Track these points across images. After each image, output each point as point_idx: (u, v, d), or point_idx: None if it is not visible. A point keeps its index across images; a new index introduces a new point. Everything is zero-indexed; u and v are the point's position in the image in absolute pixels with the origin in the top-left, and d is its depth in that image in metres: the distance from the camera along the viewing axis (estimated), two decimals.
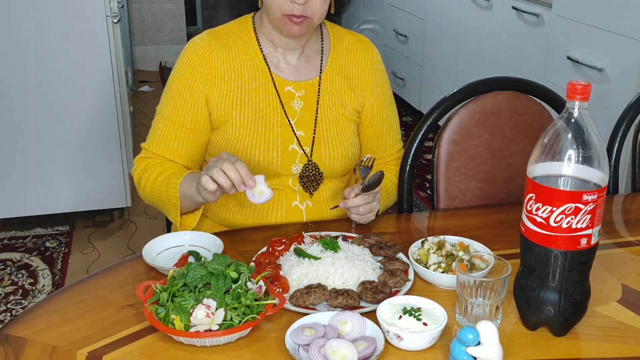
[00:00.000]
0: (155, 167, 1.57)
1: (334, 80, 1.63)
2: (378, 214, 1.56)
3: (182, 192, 1.48)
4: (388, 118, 1.71)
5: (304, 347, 1.09)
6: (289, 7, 1.47)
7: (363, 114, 1.68)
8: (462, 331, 1.03)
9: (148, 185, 1.56)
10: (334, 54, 1.65)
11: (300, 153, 1.59)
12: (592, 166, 1.07)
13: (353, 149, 1.64)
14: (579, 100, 1.06)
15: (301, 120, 1.60)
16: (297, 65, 1.62)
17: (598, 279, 1.30)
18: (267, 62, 1.60)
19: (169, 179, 1.52)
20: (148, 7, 5.72)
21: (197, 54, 1.57)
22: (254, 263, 1.32)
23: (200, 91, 1.56)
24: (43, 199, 3.12)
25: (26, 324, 1.18)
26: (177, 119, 1.57)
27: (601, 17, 2.77)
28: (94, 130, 3.07)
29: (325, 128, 1.61)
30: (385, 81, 1.70)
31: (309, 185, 1.61)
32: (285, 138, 1.58)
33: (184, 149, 1.59)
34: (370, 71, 1.67)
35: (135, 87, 5.26)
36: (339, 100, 1.63)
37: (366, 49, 1.67)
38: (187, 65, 1.57)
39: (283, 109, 1.59)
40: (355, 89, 1.65)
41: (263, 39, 1.61)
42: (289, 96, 1.60)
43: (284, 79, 1.60)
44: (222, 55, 1.58)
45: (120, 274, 1.38)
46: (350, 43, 1.67)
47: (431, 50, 4.38)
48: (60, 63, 2.93)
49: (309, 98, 1.61)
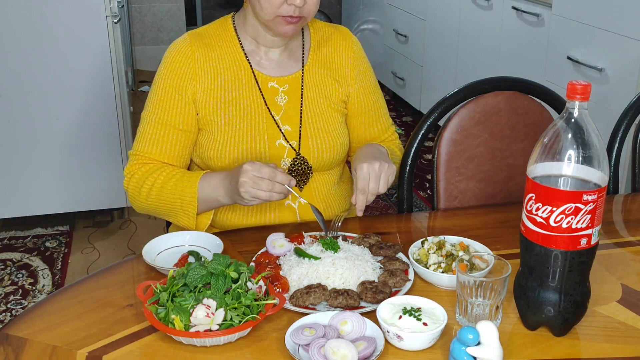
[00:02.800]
0: (158, 172, 1.55)
1: (316, 72, 1.64)
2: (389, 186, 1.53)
3: (203, 198, 1.49)
4: (375, 104, 1.72)
5: (304, 347, 1.09)
6: (285, 9, 1.47)
7: (349, 103, 1.68)
8: (462, 331, 1.03)
9: (154, 192, 1.53)
10: (315, 46, 1.66)
11: (288, 147, 1.60)
12: (592, 166, 1.07)
13: (341, 139, 1.64)
14: (579, 100, 1.06)
15: (286, 115, 1.60)
16: (280, 61, 1.62)
17: (598, 279, 1.30)
18: (249, 60, 1.61)
19: (182, 184, 1.51)
20: (148, 7, 5.72)
21: (180, 53, 1.58)
22: (254, 263, 1.32)
23: (187, 90, 1.56)
24: (43, 199, 3.12)
25: (26, 324, 1.18)
26: (168, 121, 1.57)
27: (601, 17, 2.77)
28: (94, 130, 3.07)
29: (310, 121, 1.61)
30: (367, 68, 1.71)
31: (298, 180, 1.61)
32: (271, 134, 1.59)
33: (176, 151, 1.58)
34: (351, 60, 1.67)
35: (135, 87, 5.26)
36: (323, 92, 1.64)
37: (345, 39, 1.68)
38: (172, 66, 1.57)
39: (266, 105, 1.59)
40: (339, 79, 1.66)
41: (245, 37, 1.61)
42: (273, 92, 1.60)
43: (267, 75, 1.61)
44: (205, 55, 1.58)
45: (120, 274, 1.38)
46: (330, 35, 1.68)
47: (431, 50, 4.38)
48: (60, 63, 2.93)
49: (293, 92, 1.62)
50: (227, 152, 1.56)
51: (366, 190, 1.44)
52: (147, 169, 1.56)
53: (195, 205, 1.49)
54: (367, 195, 1.44)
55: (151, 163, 1.57)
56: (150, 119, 1.58)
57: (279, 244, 1.38)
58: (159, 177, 1.54)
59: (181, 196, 1.51)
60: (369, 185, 1.43)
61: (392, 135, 1.76)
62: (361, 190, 1.44)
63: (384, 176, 1.45)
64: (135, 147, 1.60)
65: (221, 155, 1.56)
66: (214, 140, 1.57)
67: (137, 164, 1.58)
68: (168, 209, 1.54)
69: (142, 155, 1.58)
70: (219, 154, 1.56)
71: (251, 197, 1.39)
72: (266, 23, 1.52)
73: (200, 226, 1.55)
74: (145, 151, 1.58)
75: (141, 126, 1.60)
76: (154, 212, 1.59)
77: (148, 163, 1.57)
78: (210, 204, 1.51)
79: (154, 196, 1.54)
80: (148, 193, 1.54)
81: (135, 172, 1.57)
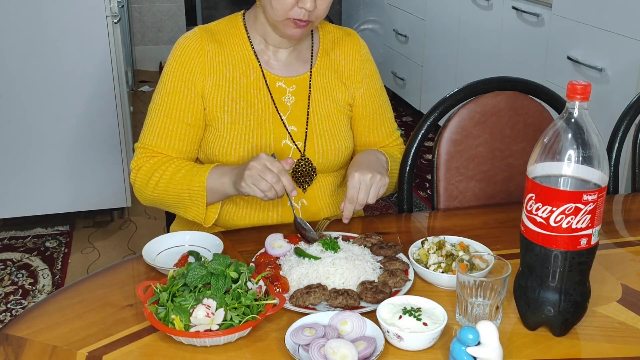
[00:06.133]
0: (167, 164, 1.54)
1: (324, 74, 1.64)
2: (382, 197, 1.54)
3: (210, 187, 1.49)
4: (381, 108, 1.72)
5: (304, 347, 1.09)
6: (296, 12, 1.47)
7: (355, 106, 1.68)
8: (462, 331, 1.03)
9: (162, 184, 1.53)
10: (324, 48, 1.66)
11: (293, 148, 1.60)
12: (592, 166, 1.07)
13: (346, 142, 1.65)
14: (579, 100, 1.06)
15: (293, 116, 1.60)
16: (288, 61, 1.63)
17: (598, 279, 1.30)
18: (259, 59, 1.61)
19: (191, 175, 1.51)
20: (148, 7, 5.72)
21: (190, 47, 1.57)
22: (254, 263, 1.32)
23: (196, 84, 1.56)
24: (43, 199, 3.12)
25: (26, 324, 1.18)
26: (176, 114, 1.56)
27: (601, 17, 2.77)
28: (94, 130, 3.07)
29: (317, 122, 1.62)
30: (374, 72, 1.71)
31: (302, 181, 1.61)
32: (277, 134, 1.59)
33: (184, 145, 1.58)
34: (359, 63, 1.68)
35: (135, 87, 5.26)
36: (330, 95, 1.64)
37: (353, 42, 1.69)
38: (181, 59, 1.57)
39: (274, 104, 1.59)
40: (345, 82, 1.66)
41: (255, 36, 1.61)
42: (280, 92, 1.60)
43: (275, 75, 1.61)
44: (214, 51, 1.58)
45: (120, 274, 1.38)
46: (339, 37, 1.69)
47: (431, 50, 4.38)
48: (60, 63, 2.93)
49: (301, 93, 1.62)
50: (233, 149, 1.56)
51: (354, 200, 1.46)
52: (154, 161, 1.56)
53: (204, 195, 1.49)
54: (355, 205, 1.47)
55: (158, 156, 1.57)
56: (158, 112, 1.58)
57: (277, 245, 1.38)
58: (167, 169, 1.54)
59: (189, 186, 1.50)
60: (358, 195, 1.46)
61: (397, 141, 1.76)
62: (349, 200, 1.46)
63: (375, 188, 1.47)
64: (142, 139, 1.59)
65: (227, 153, 1.56)
66: (220, 137, 1.57)
67: (144, 157, 1.58)
68: (175, 200, 1.54)
69: (149, 148, 1.58)
70: (225, 151, 1.56)
71: (252, 183, 1.39)
72: (275, 24, 1.52)
73: (207, 219, 1.54)
74: (153, 144, 1.57)
75: (148, 118, 1.59)
76: (160, 204, 1.59)
77: (155, 156, 1.57)
78: (217, 195, 1.51)
79: (162, 188, 1.54)
80: (155, 185, 1.54)
81: (142, 165, 1.57)
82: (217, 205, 1.55)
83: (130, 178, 1.59)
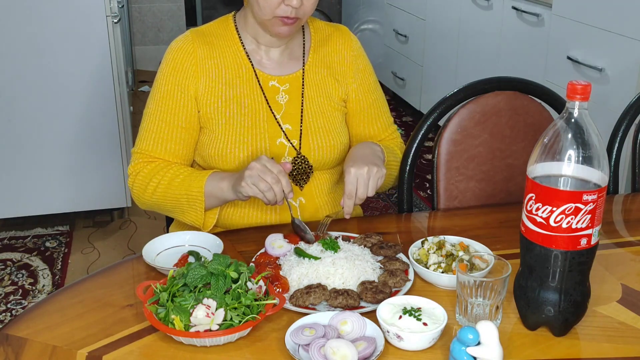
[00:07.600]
0: (165, 169, 1.55)
1: (317, 71, 1.65)
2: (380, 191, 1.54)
3: (209, 192, 1.49)
4: (376, 102, 1.72)
5: (304, 347, 1.09)
6: (282, 9, 1.48)
7: (349, 101, 1.69)
8: (462, 331, 1.03)
9: (160, 189, 1.54)
10: (315, 46, 1.67)
11: (289, 146, 1.60)
12: (592, 166, 1.07)
13: (341, 138, 1.65)
14: (579, 100, 1.06)
15: (287, 114, 1.61)
16: (280, 60, 1.63)
17: (598, 279, 1.30)
18: (250, 59, 1.61)
19: (189, 180, 1.51)
20: (148, 7, 5.72)
21: (182, 50, 1.58)
22: (254, 263, 1.32)
23: (189, 87, 1.56)
24: (43, 199, 3.12)
25: (26, 324, 1.18)
26: (171, 119, 1.57)
27: (601, 17, 2.77)
28: (94, 130, 3.07)
29: (311, 120, 1.62)
30: (367, 67, 1.71)
31: (299, 179, 1.61)
32: (272, 132, 1.59)
33: (180, 149, 1.58)
34: (350, 58, 1.68)
35: (135, 87, 5.26)
36: (323, 91, 1.64)
37: (345, 38, 1.69)
38: (173, 63, 1.58)
39: (268, 104, 1.59)
40: (338, 78, 1.66)
41: (246, 36, 1.62)
42: (274, 91, 1.61)
43: (268, 74, 1.61)
44: (206, 53, 1.59)
45: (120, 274, 1.38)
46: (330, 34, 1.69)
47: (431, 50, 4.38)
48: (60, 63, 2.93)
49: (294, 91, 1.62)
50: (228, 150, 1.56)
51: (353, 195, 1.45)
52: (152, 167, 1.56)
53: (202, 199, 1.50)
54: (355, 200, 1.46)
55: (155, 161, 1.57)
56: (153, 117, 1.58)
57: (277, 245, 1.38)
58: (166, 175, 1.54)
59: (188, 191, 1.51)
60: (356, 190, 1.45)
61: (393, 134, 1.76)
62: (348, 195, 1.45)
63: (373, 180, 1.46)
64: (139, 145, 1.59)
65: (222, 154, 1.56)
66: (215, 138, 1.57)
67: (141, 162, 1.58)
68: (174, 204, 1.54)
69: (146, 153, 1.58)
70: (220, 152, 1.56)
71: (252, 183, 1.40)
72: (263, 23, 1.53)
73: (206, 224, 1.55)
74: (149, 149, 1.58)
75: (144, 124, 1.60)
76: (158, 209, 1.60)
77: (152, 161, 1.57)
78: (215, 200, 1.51)
79: (160, 193, 1.54)
80: (154, 190, 1.55)
81: (140, 171, 1.57)
82: (216, 211, 1.55)
83: (128, 183, 1.60)
